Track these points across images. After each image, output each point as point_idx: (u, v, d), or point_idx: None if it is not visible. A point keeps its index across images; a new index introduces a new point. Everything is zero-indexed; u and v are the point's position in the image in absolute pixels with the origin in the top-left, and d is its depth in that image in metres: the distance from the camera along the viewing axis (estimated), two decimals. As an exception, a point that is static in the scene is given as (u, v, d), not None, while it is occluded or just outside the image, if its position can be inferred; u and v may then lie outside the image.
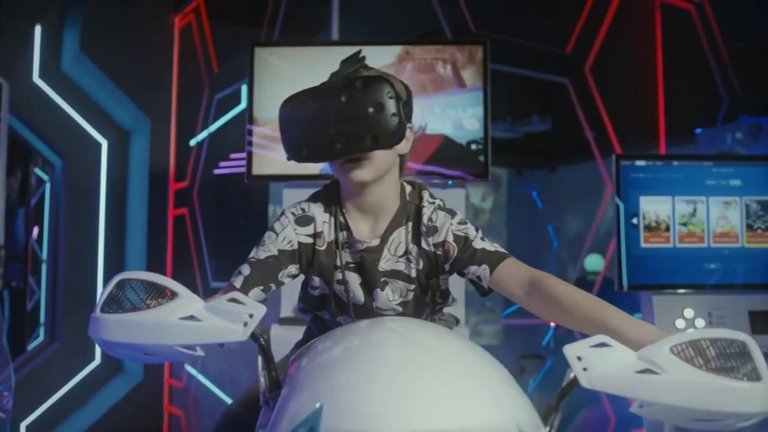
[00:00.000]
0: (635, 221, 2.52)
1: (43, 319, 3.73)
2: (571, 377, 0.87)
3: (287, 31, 3.36)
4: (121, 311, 0.92)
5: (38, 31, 3.46)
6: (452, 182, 2.44)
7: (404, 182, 1.36)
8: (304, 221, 1.31)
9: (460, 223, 1.29)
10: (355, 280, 1.32)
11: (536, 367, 4.30)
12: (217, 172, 3.73)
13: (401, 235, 1.32)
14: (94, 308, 0.94)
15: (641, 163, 2.56)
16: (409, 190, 1.35)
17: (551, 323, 3.90)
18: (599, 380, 0.81)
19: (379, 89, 1.16)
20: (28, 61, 3.43)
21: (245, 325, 0.89)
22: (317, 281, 1.34)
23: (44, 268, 3.72)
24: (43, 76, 3.49)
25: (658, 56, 3.45)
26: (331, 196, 1.34)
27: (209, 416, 3.47)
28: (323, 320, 1.41)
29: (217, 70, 3.76)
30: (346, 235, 1.32)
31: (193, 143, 3.92)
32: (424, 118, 2.40)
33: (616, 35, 3.43)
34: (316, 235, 1.31)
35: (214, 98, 3.77)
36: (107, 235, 3.76)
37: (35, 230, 3.80)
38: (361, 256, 1.31)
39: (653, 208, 2.54)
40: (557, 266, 5.30)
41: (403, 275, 1.32)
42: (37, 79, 3.47)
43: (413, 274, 1.31)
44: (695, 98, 3.66)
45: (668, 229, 2.54)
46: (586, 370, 0.82)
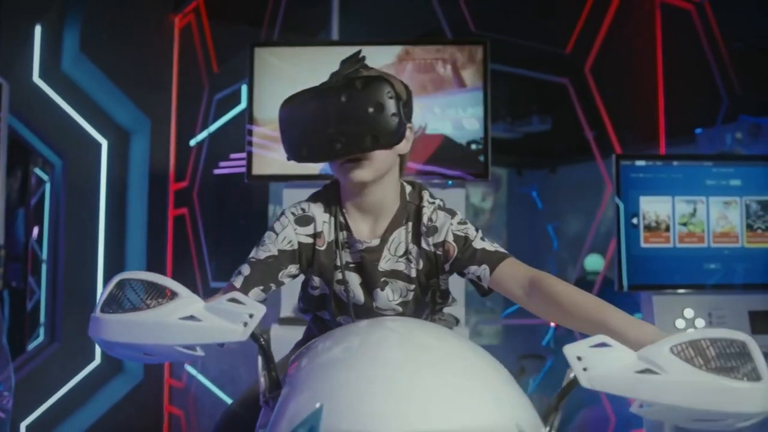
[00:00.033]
0: (635, 221, 2.52)
1: (43, 319, 3.73)
2: (571, 377, 0.87)
3: (287, 31, 3.36)
4: (121, 311, 0.92)
5: (38, 31, 3.46)
6: (452, 182, 2.44)
7: (404, 182, 1.36)
8: (304, 221, 1.31)
9: (460, 223, 1.29)
10: (355, 280, 1.32)
11: (536, 367, 4.30)
12: (217, 172, 3.73)
13: (401, 235, 1.31)
14: (94, 308, 0.94)
15: (641, 163, 2.56)
16: (409, 190, 1.35)
17: (551, 323, 3.90)
18: (599, 380, 0.81)
19: (379, 89, 1.16)
20: (28, 61, 3.43)
21: (245, 325, 0.89)
22: (317, 281, 1.34)
23: (44, 268, 3.72)
24: (43, 76, 3.49)
25: (658, 56, 3.45)
26: (331, 196, 1.34)
27: (209, 416, 3.47)
28: (323, 320, 1.41)
29: (216, 70, 3.76)
30: (346, 235, 1.32)
31: (193, 143, 3.92)
32: (424, 118, 2.40)
33: (616, 35, 3.43)
34: (316, 235, 1.31)
35: (214, 98, 3.77)
36: (107, 235, 3.76)
37: (35, 230, 3.80)
38: (361, 256, 1.31)
39: (653, 208, 2.54)
40: (557, 266, 5.30)
41: (403, 275, 1.31)
42: (37, 79, 3.47)
43: (413, 274, 1.31)
44: (695, 98, 3.66)
45: (668, 229, 2.54)
46: (586, 370, 0.82)
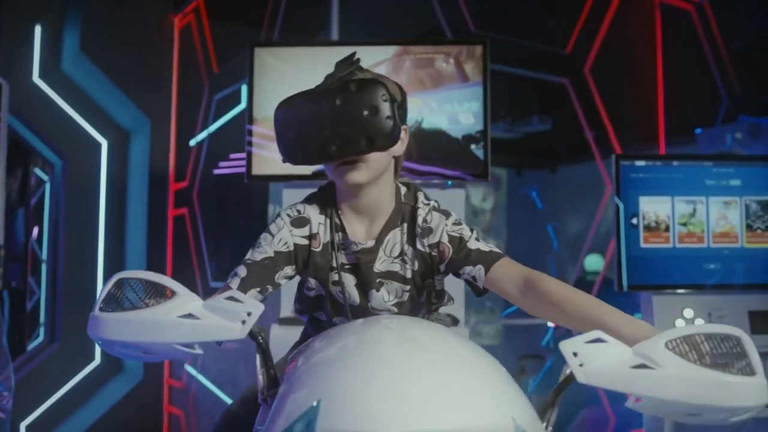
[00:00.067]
0: (635, 221, 2.52)
1: (42, 319, 3.73)
2: (567, 373, 0.87)
3: (287, 31, 3.36)
4: (120, 310, 0.92)
5: (38, 31, 3.47)
6: (452, 182, 2.43)
7: (399, 184, 1.36)
8: (299, 223, 1.31)
9: (454, 223, 1.29)
10: (350, 281, 1.32)
11: (536, 367, 4.30)
12: (216, 172, 3.73)
13: (396, 236, 1.32)
14: (93, 307, 0.94)
15: (641, 163, 2.56)
16: (404, 191, 1.35)
17: (551, 323, 3.90)
18: (595, 375, 0.82)
19: (373, 92, 1.17)
20: (28, 61, 3.44)
21: (243, 323, 0.89)
22: (313, 282, 1.34)
23: (44, 268, 3.72)
24: (43, 76, 3.49)
25: (657, 56, 3.46)
26: (326, 197, 1.34)
27: (209, 416, 3.47)
28: (320, 321, 1.41)
29: (216, 70, 3.77)
30: (341, 236, 1.32)
31: (192, 143, 3.92)
32: (420, 112, 2.40)
33: (615, 35, 3.43)
34: (311, 236, 1.31)
35: (213, 98, 3.77)
36: (107, 235, 3.76)
37: (35, 230, 3.81)
38: (356, 257, 1.31)
39: (653, 208, 2.54)
40: (557, 266, 5.31)
41: (398, 276, 1.32)
42: (37, 79, 3.48)
43: (408, 275, 1.31)
44: (695, 98, 3.67)
45: (668, 229, 2.54)
46: (582, 365, 0.82)
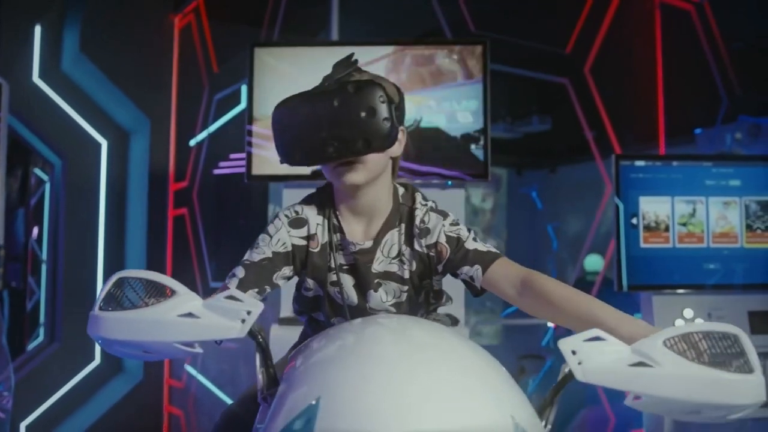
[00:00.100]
0: (635, 221, 2.52)
1: (42, 319, 3.73)
2: (566, 371, 0.88)
3: (287, 31, 3.37)
4: (120, 309, 0.93)
5: (38, 31, 3.47)
6: (452, 183, 2.43)
7: (397, 184, 1.36)
8: (297, 224, 1.31)
9: (452, 224, 1.29)
10: (348, 281, 1.33)
11: (536, 367, 4.30)
12: (216, 172, 3.73)
13: (394, 236, 1.32)
14: (92, 306, 0.94)
15: (641, 163, 2.56)
16: (401, 192, 1.35)
17: (551, 323, 3.90)
18: (594, 373, 0.82)
19: (371, 93, 1.17)
20: (28, 61, 3.44)
21: (243, 321, 0.90)
22: (311, 283, 1.35)
23: (44, 268, 3.72)
24: (43, 76, 3.50)
25: (657, 56, 3.46)
26: (324, 198, 1.34)
27: (209, 416, 3.48)
28: (318, 321, 1.41)
29: (216, 70, 3.77)
30: (339, 237, 1.32)
31: (192, 143, 3.92)
32: (419, 110, 2.40)
33: (615, 35, 3.43)
34: (309, 237, 1.31)
35: (213, 98, 3.77)
36: (107, 235, 3.76)
37: (35, 230, 3.81)
38: (354, 257, 1.31)
39: (653, 208, 2.54)
40: (557, 266, 5.31)
41: (396, 276, 1.32)
42: (37, 79, 3.48)
43: (406, 275, 1.32)
44: (695, 98, 3.67)
45: (668, 229, 2.54)
46: (580, 363, 0.82)
